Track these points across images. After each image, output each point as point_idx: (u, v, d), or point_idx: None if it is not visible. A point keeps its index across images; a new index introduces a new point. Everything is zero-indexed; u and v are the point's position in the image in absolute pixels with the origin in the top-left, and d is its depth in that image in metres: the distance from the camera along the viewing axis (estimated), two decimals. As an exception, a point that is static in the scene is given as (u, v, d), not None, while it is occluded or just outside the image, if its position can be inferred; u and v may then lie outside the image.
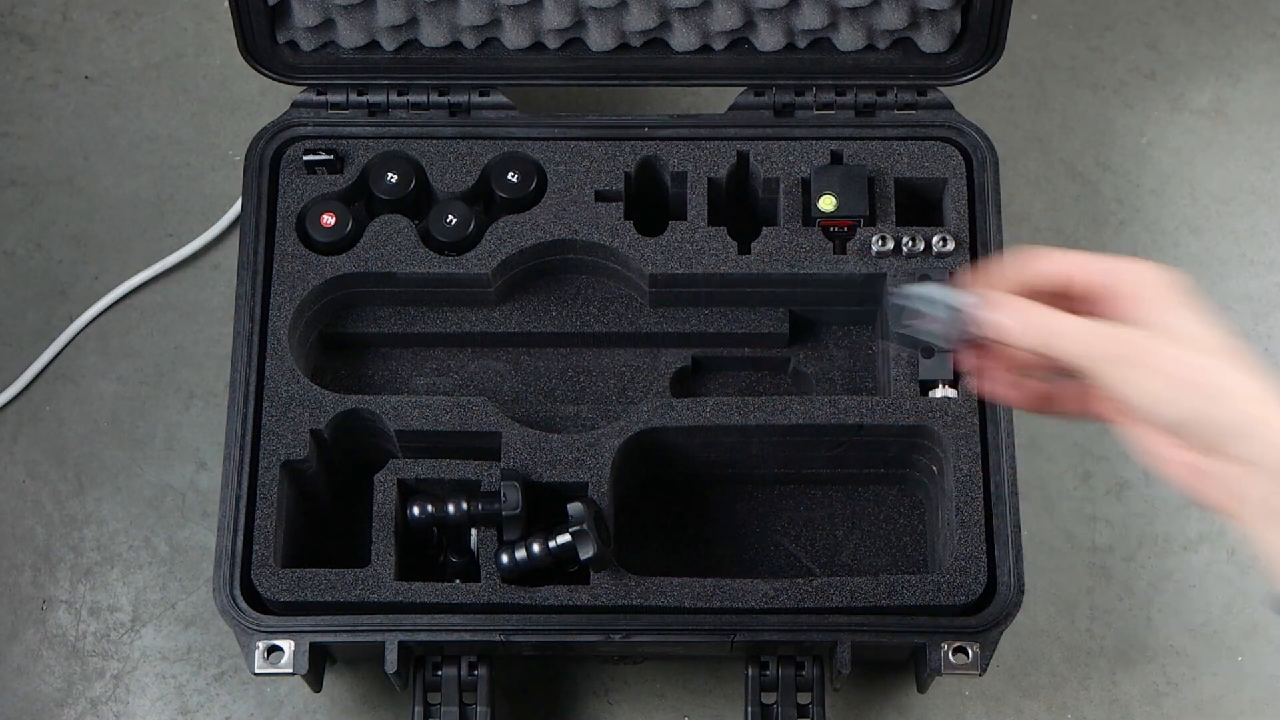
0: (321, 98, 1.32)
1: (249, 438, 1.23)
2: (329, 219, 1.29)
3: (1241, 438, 0.86)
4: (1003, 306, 0.90)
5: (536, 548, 1.19)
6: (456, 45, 1.32)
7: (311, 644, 1.19)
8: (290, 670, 1.19)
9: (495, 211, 1.31)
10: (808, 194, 1.29)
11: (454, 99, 1.32)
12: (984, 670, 1.19)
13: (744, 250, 1.28)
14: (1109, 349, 0.87)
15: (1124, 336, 0.88)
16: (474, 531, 1.22)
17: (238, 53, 1.30)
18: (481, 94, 1.32)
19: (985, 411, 1.23)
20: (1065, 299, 0.91)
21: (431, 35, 1.31)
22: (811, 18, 1.29)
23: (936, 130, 1.31)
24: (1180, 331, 0.88)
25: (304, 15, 1.29)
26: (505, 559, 1.19)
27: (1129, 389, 0.88)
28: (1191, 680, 1.35)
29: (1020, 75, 1.53)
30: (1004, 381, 0.95)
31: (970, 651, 1.19)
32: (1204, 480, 0.89)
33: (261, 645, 1.19)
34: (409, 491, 1.23)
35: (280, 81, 1.32)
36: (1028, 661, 1.36)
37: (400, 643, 1.19)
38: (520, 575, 1.20)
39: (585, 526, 1.17)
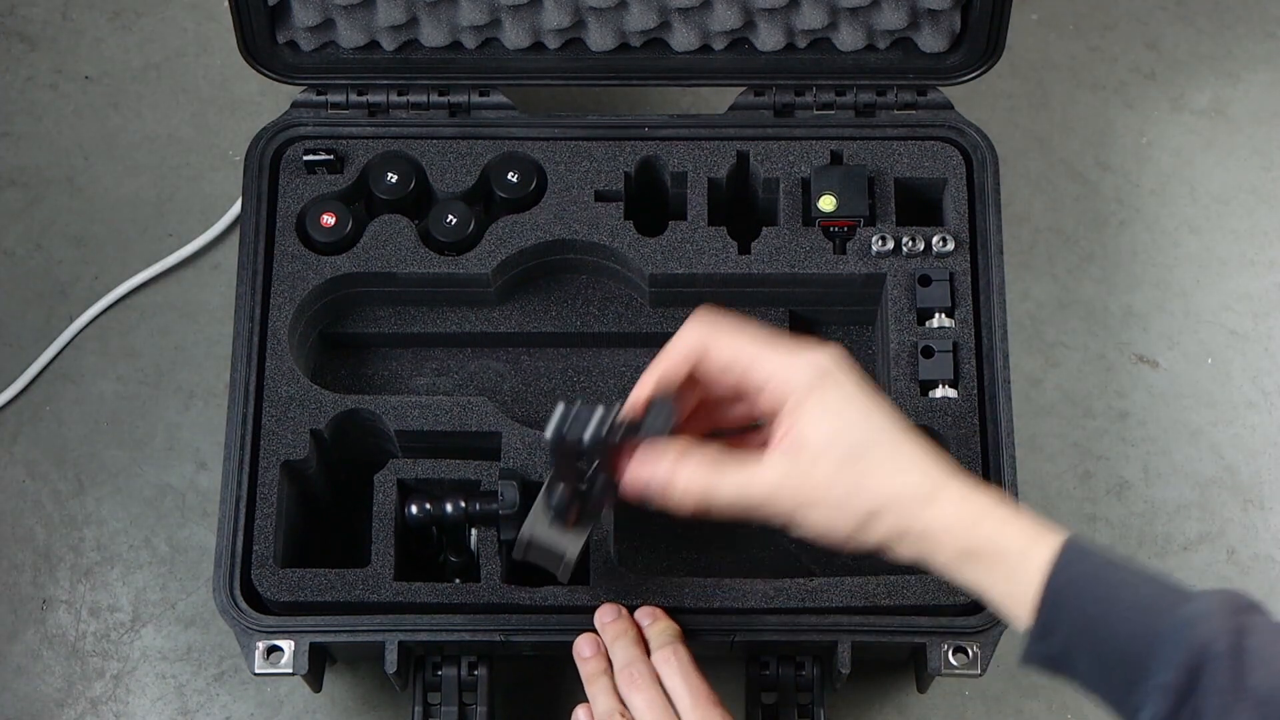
0: (321, 98, 1.32)
1: (249, 438, 1.23)
2: (329, 219, 1.29)
3: (902, 544, 0.99)
4: (683, 468, 1.01)
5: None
6: (456, 45, 1.32)
7: (311, 644, 1.19)
8: (290, 670, 1.19)
9: (495, 211, 1.31)
10: (808, 194, 1.29)
11: (454, 99, 1.32)
12: (984, 670, 1.19)
13: (744, 250, 1.28)
14: (790, 498, 0.99)
15: (798, 481, 0.99)
16: (473, 531, 1.22)
17: (238, 53, 1.30)
18: (481, 94, 1.32)
19: (985, 411, 1.23)
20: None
21: (431, 35, 1.31)
22: (811, 18, 1.29)
23: (936, 130, 1.31)
24: (840, 441, 0.98)
25: (304, 15, 1.29)
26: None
27: (805, 527, 1.00)
28: (1191, 680, 1.35)
29: (1020, 75, 1.53)
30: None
31: (970, 651, 1.19)
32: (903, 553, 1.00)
33: (261, 645, 1.19)
34: (408, 491, 1.23)
35: (280, 81, 1.32)
36: (1028, 661, 1.36)
37: (400, 643, 1.19)
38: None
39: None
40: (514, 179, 1.30)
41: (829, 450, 0.99)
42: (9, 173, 1.50)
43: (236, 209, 1.46)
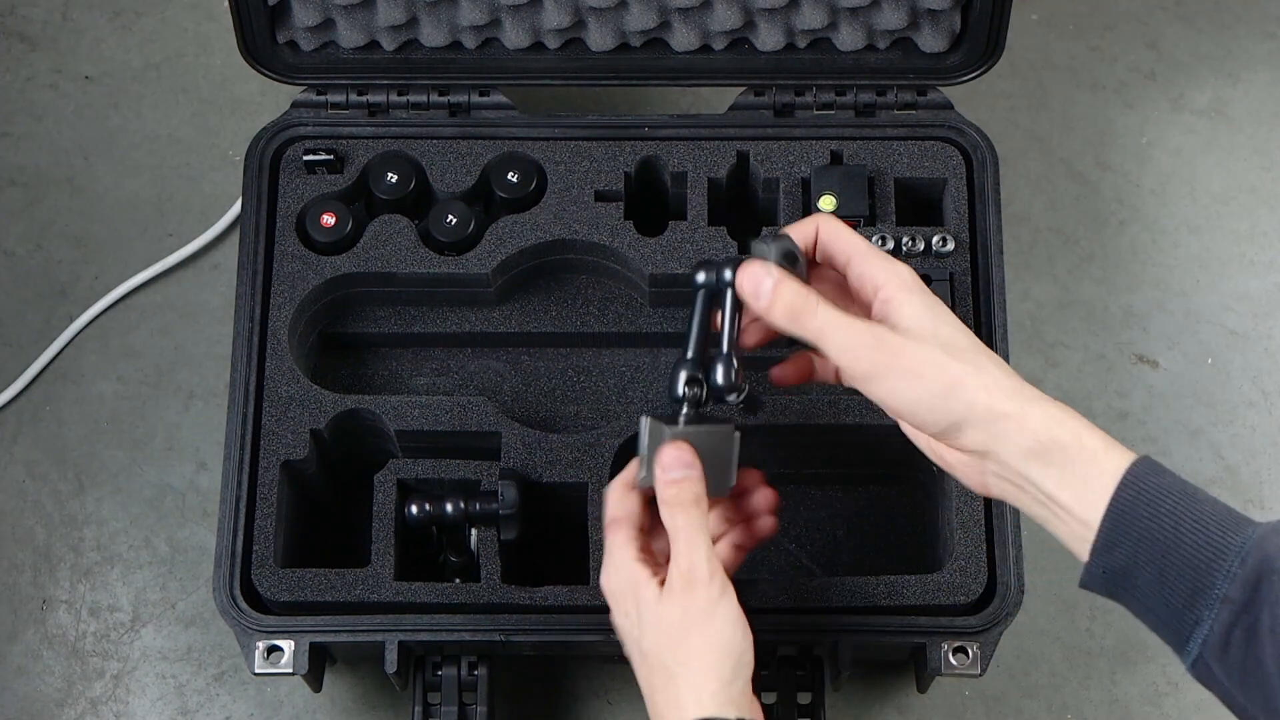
0: (321, 98, 1.32)
1: (249, 438, 1.23)
2: (329, 219, 1.29)
3: (973, 427, 0.98)
4: (775, 282, 1.02)
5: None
6: (456, 45, 1.32)
7: (311, 644, 1.19)
8: (290, 670, 1.19)
9: (495, 211, 1.31)
10: (808, 194, 1.29)
11: (454, 99, 1.32)
12: (984, 670, 1.19)
13: (744, 250, 1.28)
14: (871, 359, 0.99)
15: (883, 343, 0.99)
16: (473, 531, 1.22)
17: (238, 53, 1.30)
18: (481, 94, 1.32)
19: (985, 411, 1.23)
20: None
21: (431, 35, 1.31)
22: (811, 18, 1.29)
23: (936, 130, 1.31)
24: (926, 329, 1.00)
25: (304, 15, 1.29)
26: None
27: (879, 392, 1.00)
28: (1191, 680, 1.35)
29: (1020, 75, 1.53)
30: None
31: (970, 651, 1.19)
32: (971, 470, 1.01)
33: (261, 645, 1.19)
34: (408, 491, 1.23)
35: (280, 81, 1.32)
36: (1028, 661, 1.36)
37: (400, 643, 1.19)
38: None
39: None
40: (514, 179, 1.30)
41: (925, 334, 0.99)
42: (9, 173, 1.50)
43: (236, 209, 1.46)
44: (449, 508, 1.21)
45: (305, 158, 1.30)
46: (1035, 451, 0.96)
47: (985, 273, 1.27)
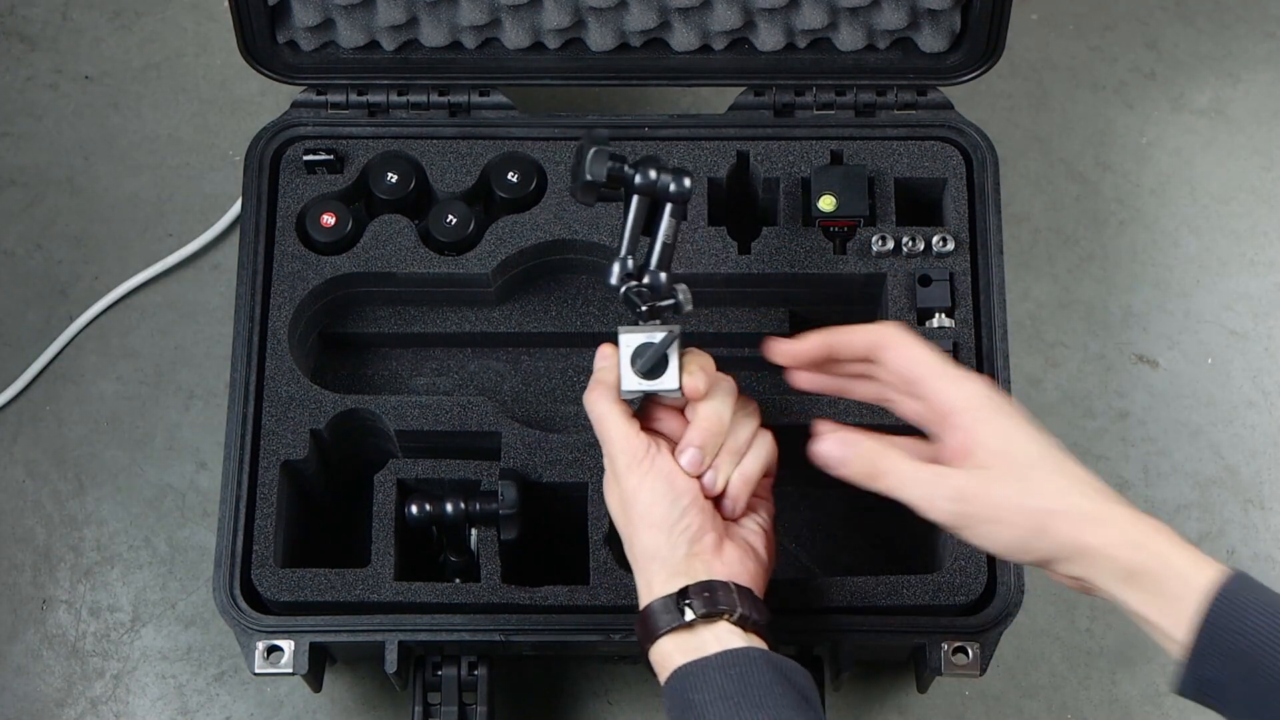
0: (321, 98, 1.32)
1: (249, 438, 1.23)
2: (329, 219, 1.29)
3: (1065, 561, 1.00)
4: (855, 449, 1.07)
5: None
6: (456, 45, 1.32)
7: (311, 644, 1.19)
8: (290, 670, 1.19)
9: (495, 211, 1.31)
10: (808, 194, 1.29)
11: (454, 99, 1.32)
12: (984, 670, 1.19)
13: (744, 250, 1.28)
14: (951, 510, 1.02)
15: (960, 493, 1.02)
16: (473, 531, 1.22)
17: (238, 53, 1.30)
18: (481, 94, 1.32)
19: (985, 411, 1.23)
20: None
21: (431, 35, 1.31)
22: (811, 18, 1.29)
23: (936, 130, 1.31)
24: (1009, 458, 1.02)
25: (304, 15, 1.29)
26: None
27: (969, 537, 1.03)
28: (1191, 680, 1.35)
29: (1020, 75, 1.53)
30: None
31: (970, 651, 1.19)
32: (1075, 584, 1.02)
33: (261, 645, 1.19)
34: (408, 491, 1.23)
35: (280, 81, 1.32)
36: (1028, 661, 1.36)
37: (400, 643, 1.19)
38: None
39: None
40: (514, 179, 1.30)
41: (1001, 466, 1.02)
42: (9, 173, 1.50)
43: (236, 209, 1.46)
44: (449, 508, 1.21)
45: (305, 158, 1.30)
46: (1124, 578, 0.98)
47: (985, 273, 1.27)
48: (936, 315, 1.26)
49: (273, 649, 1.19)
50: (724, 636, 1.06)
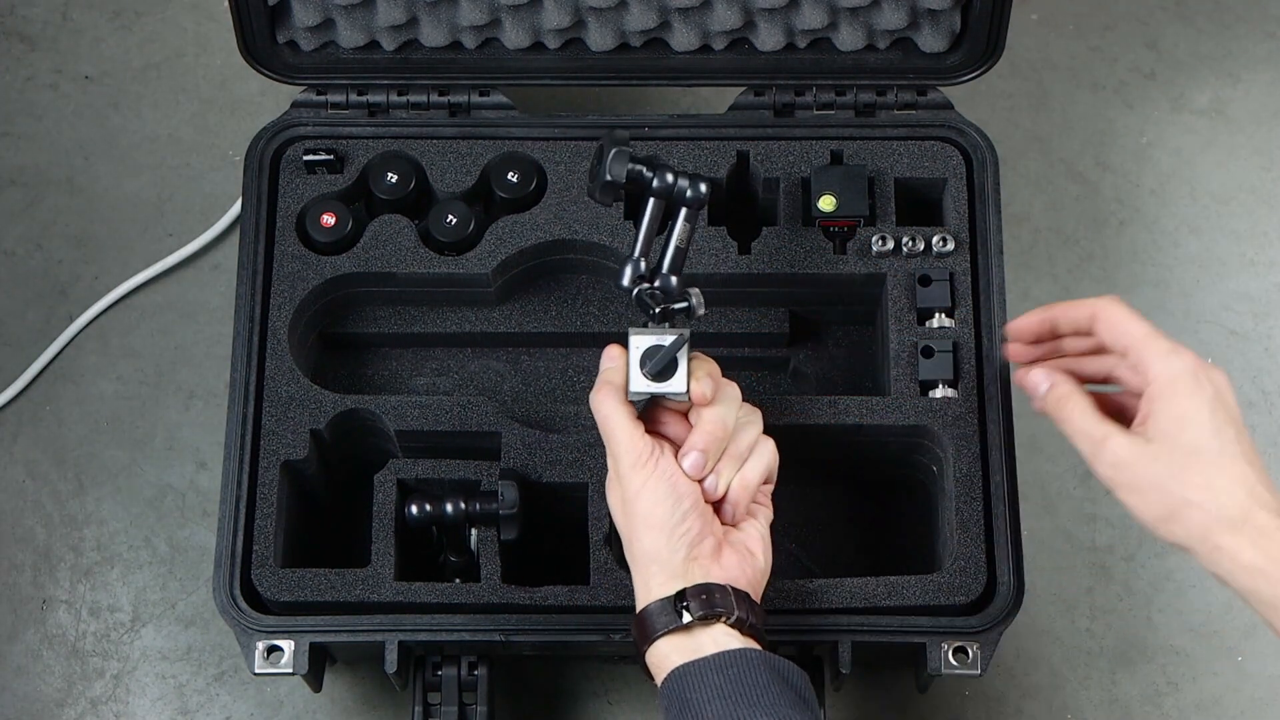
0: (321, 98, 1.32)
1: (249, 438, 1.23)
2: (329, 219, 1.29)
3: (1201, 555, 1.04)
4: (1052, 382, 1.13)
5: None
6: (456, 45, 1.32)
7: (311, 644, 1.19)
8: (290, 670, 1.19)
9: (495, 211, 1.31)
10: (808, 194, 1.29)
11: (454, 99, 1.32)
12: (984, 670, 1.19)
13: (744, 250, 1.28)
14: (1106, 470, 1.08)
15: (1115, 456, 1.07)
16: (473, 531, 1.22)
17: (238, 53, 1.30)
18: (481, 94, 1.32)
19: (985, 411, 1.23)
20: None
21: (431, 35, 1.31)
22: (811, 18, 1.29)
23: (936, 130, 1.31)
24: (1170, 437, 1.05)
25: (304, 15, 1.29)
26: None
27: (1120, 498, 1.08)
28: (1191, 680, 1.35)
29: (1020, 75, 1.53)
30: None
31: (970, 651, 1.19)
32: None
33: (261, 645, 1.19)
34: (408, 491, 1.23)
35: (280, 81, 1.32)
36: (1028, 661, 1.36)
37: (400, 643, 1.19)
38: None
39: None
40: (514, 179, 1.30)
41: (1167, 445, 1.05)
42: (9, 173, 1.50)
43: (236, 209, 1.46)
44: (449, 508, 1.21)
45: (305, 158, 1.30)
46: (1249, 591, 1.02)
47: (985, 273, 1.27)
48: (936, 315, 1.26)
49: (273, 649, 1.19)
50: (720, 639, 1.06)
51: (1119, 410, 1.12)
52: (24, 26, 1.55)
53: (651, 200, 1.15)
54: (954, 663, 1.19)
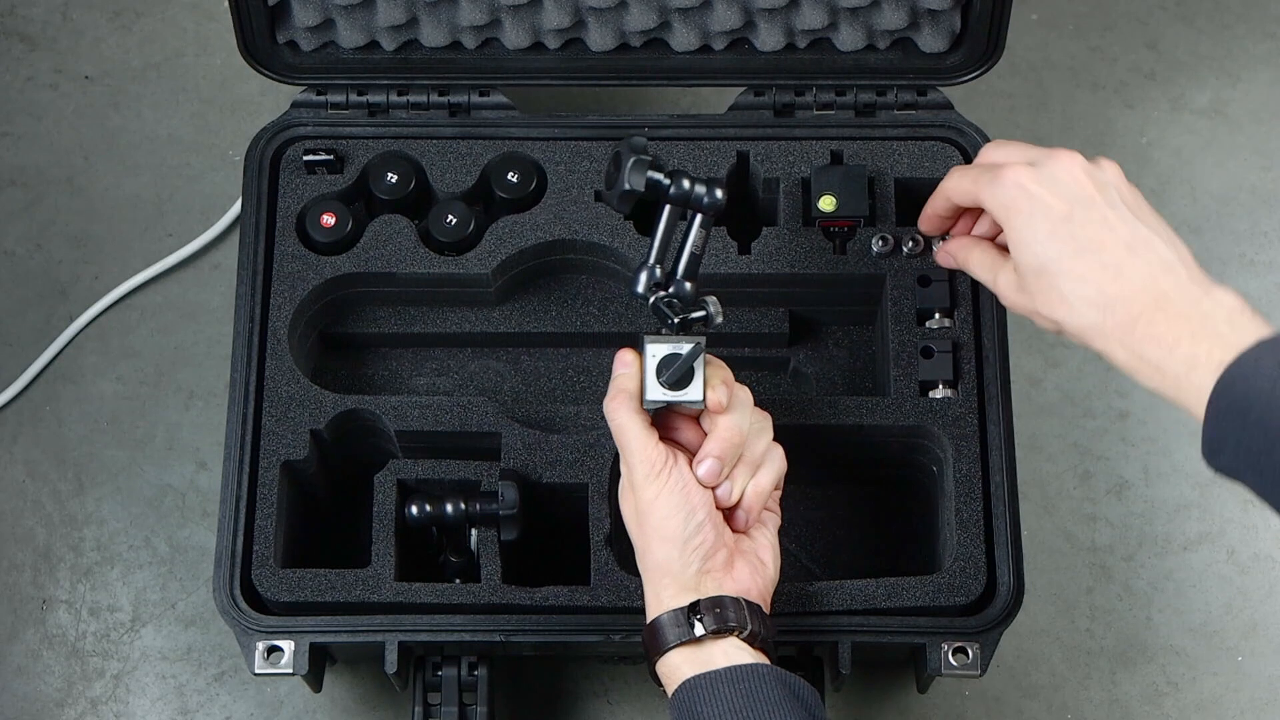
0: (321, 98, 1.32)
1: (249, 438, 1.23)
2: (329, 219, 1.29)
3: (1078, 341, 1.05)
4: (955, 241, 1.19)
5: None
6: (456, 45, 1.32)
7: (311, 644, 1.19)
8: (290, 670, 1.19)
9: (495, 211, 1.31)
10: (808, 194, 1.29)
11: (454, 99, 1.32)
12: (984, 671, 1.19)
13: (744, 250, 1.28)
14: (1005, 305, 1.13)
15: (1006, 295, 1.11)
16: (473, 531, 1.22)
17: (238, 53, 1.30)
18: (481, 94, 1.32)
19: (985, 411, 1.23)
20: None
21: (431, 35, 1.31)
22: (811, 18, 1.29)
23: (936, 130, 1.31)
24: (1025, 263, 1.07)
25: (304, 15, 1.29)
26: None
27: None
28: (1191, 680, 1.35)
29: (1020, 75, 1.53)
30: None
31: (970, 652, 1.19)
32: None
33: (261, 645, 1.19)
34: (408, 491, 1.23)
35: (280, 81, 1.32)
36: (1028, 661, 1.36)
37: (400, 643, 1.19)
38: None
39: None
40: (514, 179, 1.30)
41: (1022, 270, 1.08)
42: (9, 173, 1.50)
43: (236, 209, 1.46)
44: (449, 508, 1.21)
45: (305, 158, 1.30)
46: (1143, 382, 1.03)
47: (985, 273, 1.27)
48: (936, 315, 1.26)
49: (273, 649, 1.19)
50: (732, 652, 1.06)
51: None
52: (24, 26, 1.55)
53: (667, 206, 1.15)
54: (954, 663, 1.19)
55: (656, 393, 1.12)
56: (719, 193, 1.14)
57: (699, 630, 1.07)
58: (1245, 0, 1.56)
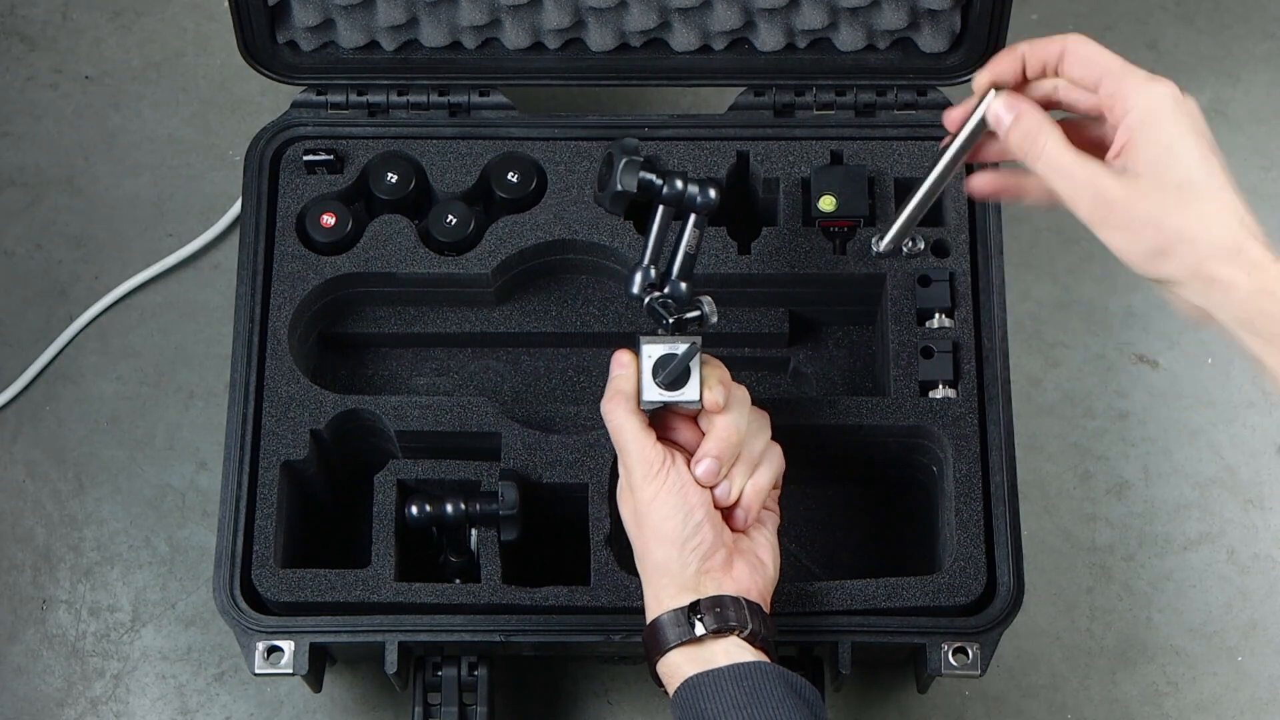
0: (321, 98, 1.32)
1: (249, 438, 1.23)
2: (329, 219, 1.29)
3: (1187, 288, 0.98)
4: (1018, 112, 1.03)
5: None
6: (456, 45, 1.32)
7: (311, 644, 1.19)
8: (290, 670, 1.19)
9: (495, 211, 1.31)
10: (808, 194, 1.29)
11: (454, 99, 1.32)
12: (984, 671, 1.19)
13: (744, 250, 1.28)
14: (1089, 210, 1.00)
15: (1101, 195, 1.00)
16: (473, 531, 1.22)
17: (238, 53, 1.30)
18: (481, 94, 1.32)
19: (985, 411, 1.23)
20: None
21: (431, 35, 1.31)
22: (811, 18, 1.29)
23: (937, 130, 1.31)
24: (1154, 171, 0.98)
25: (304, 15, 1.29)
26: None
27: (1101, 236, 1.01)
28: (1191, 680, 1.35)
29: (1020, 75, 1.53)
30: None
31: (970, 652, 1.19)
32: (1192, 309, 1.00)
33: (261, 645, 1.19)
34: (408, 492, 1.23)
35: (280, 81, 1.32)
36: (1028, 661, 1.36)
37: (400, 643, 1.19)
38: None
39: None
40: (514, 179, 1.30)
41: (1154, 179, 0.99)
42: (9, 173, 1.50)
43: (236, 209, 1.46)
44: (449, 508, 1.21)
45: (305, 158, 1.30)
46: (1244, 321, 0.96)
47: (985, 273, 1.27)
48: (936, 315, 1.26)
49: (273, 649, 1.19)
50: (733, 651, 1.06)
51: (1090, 144, 1.04)
52: (24, 26, 1.55)
53: (661, 207, 1.15)
54: (954, 663, 1.19)
55: (653, 393, 1.12)
56: (712, 192, 1.14)
57: (699, 630, 1.07)
58: (1245, 0, 1.56)
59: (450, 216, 1.29)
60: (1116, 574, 1.38)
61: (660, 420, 1.14)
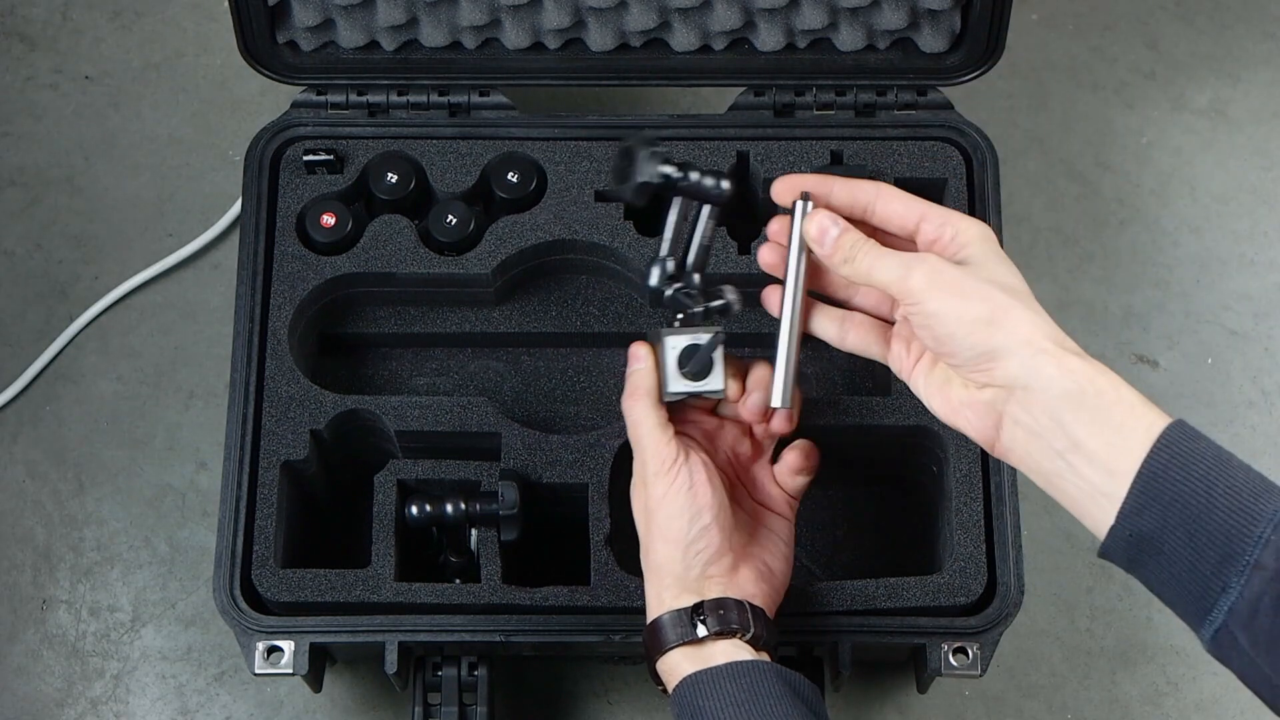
0: (321, 98, 1.32)
1: (249, 438, 1.23)
2: (329, 219, 1.29)
3: (1007, 357, 0.97)
4: (850, 235, 1.05)
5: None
6: (456, 45, 1.32)
7: (311, 644, 1.19)
8: (290, 670, 1.19)
9: (495, 211, 1.31)
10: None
11: (454, 99, 1.32)
12: (984, 671, 1.19)
13: (744, 250, 1.28)
14: (925, 279, 1.00)
15: (938, 268, 1.01)
16: (474, 531, 1.22)
17: (238, 53, 1.30)
18: (481, 94, 1.32)
19: (985, 412, 1.23)
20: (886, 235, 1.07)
21: (431, 35, 1.31)
22: (811, 18, 1.29)
23: (936, 130, 1.31)
24: (986, 271, 1.01)
25: (304, 15, 1.29)
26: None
27: (931, 306, 1.00)
28: (1191, 680, 1.35)
29: (1020, 75, 1.53)
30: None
31: (970, 652, 1.19)
32: (983, 416, 1.00)
33: (261, 645, 1.19)
34: (408, 492, 1.23)
35: (280, 81, 1.32)
36: (1028, 661, 1.36)
37: (400, 643, 1.19)
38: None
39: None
40: (514, 179, 1.30)
41: (989, 272, 1.01)
42: (9, 173, 1.50)
43: (236, 209, 1.46)
44: (449, 508, 1.21)
45: (305, 158, 1.30)
46: (1071, 393, 0.95)
47: (985, 273, 1.27)
48: (936, 315, 1.26)
49: (273, 649, 1.19)
50: (732, 650, 1.06)
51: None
52: (24, 26, 1.55)
53: (678, 199, 1.15)
54: (954, 663, 1.19)
55: (679, 384, 1.13)
56: (725, 184, 1.14)
57: (701, 631, 1.07)
58: (1245, 0, 1.56)
59: (450, 216, 1.29)
60: (1116, 574, 1.38)
61: (677, 411, 1.15)
